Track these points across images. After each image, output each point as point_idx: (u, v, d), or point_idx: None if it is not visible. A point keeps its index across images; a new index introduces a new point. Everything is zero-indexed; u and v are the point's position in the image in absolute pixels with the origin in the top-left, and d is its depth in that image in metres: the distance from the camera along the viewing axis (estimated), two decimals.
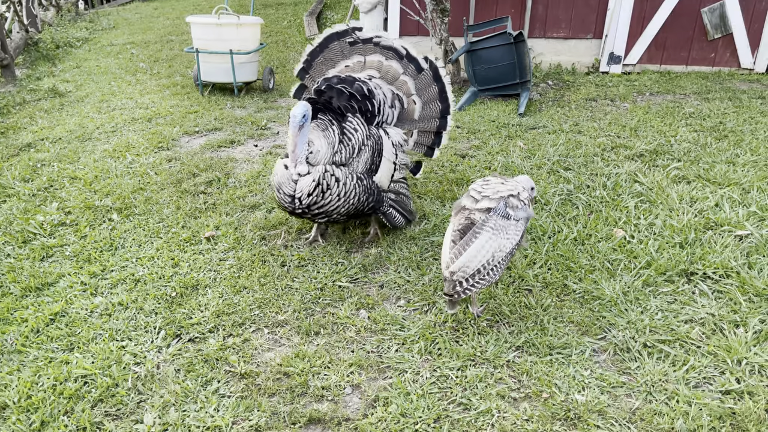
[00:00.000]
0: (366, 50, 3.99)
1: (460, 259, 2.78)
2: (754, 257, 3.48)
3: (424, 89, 3.96)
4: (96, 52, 10.62)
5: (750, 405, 2.47)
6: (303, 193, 3.42)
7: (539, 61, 8.54)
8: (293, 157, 3.39)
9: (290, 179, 3.43)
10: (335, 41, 4.03)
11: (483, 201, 2.94)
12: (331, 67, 4.05)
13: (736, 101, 6.70)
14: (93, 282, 3.47)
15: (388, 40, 3.97)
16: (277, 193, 3.53)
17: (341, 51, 4.03)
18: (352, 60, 4.01)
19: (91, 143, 5.77)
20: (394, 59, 3.95)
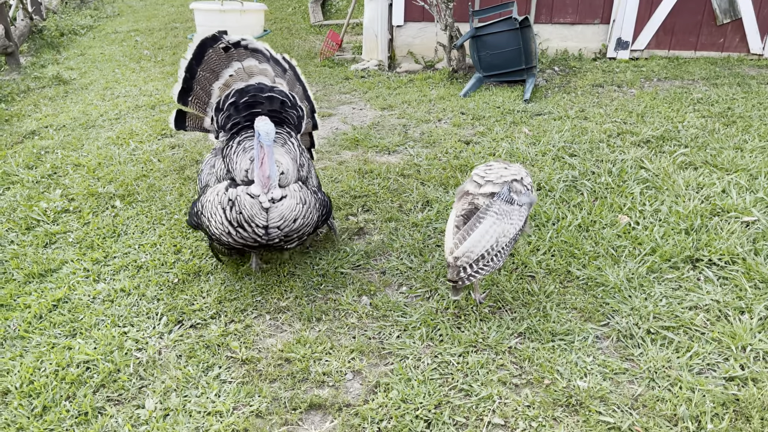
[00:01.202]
0: (240, 55, 3.52)
1: (464, 244, 2.76)
2: (760, 243, 3.44)
3: (294, 90, 3.62)
4: (100, 40, 10.61)
5: (754, 391, 2.45)
6: (287, 220, 3.00)
7: (545, 47, 8.45)
8: (268, 182, 2.95)
9: (261, 209, 2.95)
10: (209, 49, 3.47)
11: (487, 186, 2.91)
12: (215, 79, 3.51)
13: (744, 87, 6.61)
14: (96, 268, 3.48)
15: (253, 42, 3.56)
16: (244, 230, 2.99)
17: (219, 60, 3.50)
18: (233, 68, 3.50)
19: (94, 130, 5.76)
20: (266, 62, 3.56)
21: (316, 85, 7.48)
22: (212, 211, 3.05)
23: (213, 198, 3.07)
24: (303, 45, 9.83)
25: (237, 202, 2.95)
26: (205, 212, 3.11)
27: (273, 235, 3.01)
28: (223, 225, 3.00)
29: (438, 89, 7.05)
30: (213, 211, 3.05)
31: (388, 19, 8.29)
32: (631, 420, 2.37)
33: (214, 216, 3.04)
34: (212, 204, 3.06)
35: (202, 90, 3.51)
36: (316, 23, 11.40)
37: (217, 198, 3.05)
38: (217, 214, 3.02)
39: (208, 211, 3.08)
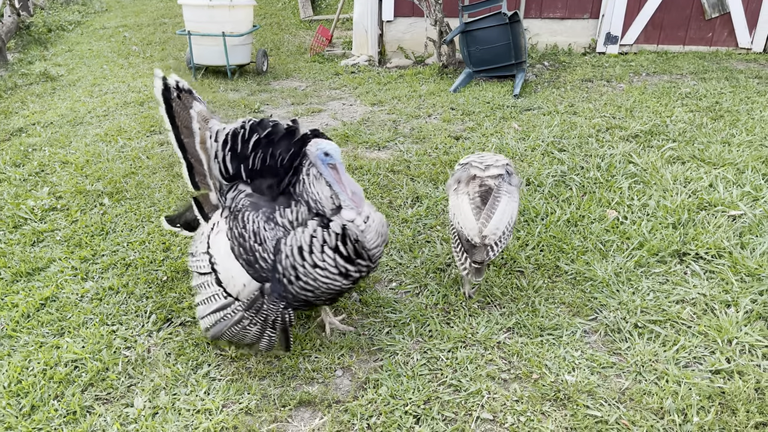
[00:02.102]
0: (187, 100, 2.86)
1: (491, 222, 2.83)
2: (746, 237, 3.47)
3: None
4: (88, 36, 10.53)
5: (740, 384, 2.48)
6: (383, 236, 2.62)
7: (535, 42, 8.47)
8: (359, 200, 2.51)
9: (360, 234, 2.50)
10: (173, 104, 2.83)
11: (491, 169, 3.04)
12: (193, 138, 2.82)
13: (732, 81, 6.65)
14: (84, 267, 3.46)
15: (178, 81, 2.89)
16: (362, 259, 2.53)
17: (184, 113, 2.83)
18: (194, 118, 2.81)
19: (82, 127, 5.72)
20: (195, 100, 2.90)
21: (306, 80, 7.47)
22: (314, 259, 2.46)
23: (306, 245, 2.47)
24: (293, 40, 9.80)
25: (348, 232, 2.47)
26: (295, 272, 2.48)
27: (375, 256, 2.59)
28: (338, 267, 2.48)
29: (428, 84, 7.04)
30: (315, 260, 2.46)
31: (378, 14, 8.28)
32: (618, 413, 2.39)
33: (319, 264, 2.46)
34: (310, 252, 2.46)
35: (197, 161, 2.85)
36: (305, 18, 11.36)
37: (316, 242, 2.46)
38: (324, 258, 2.46)
39: (305, 265, 2.47)
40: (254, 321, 2.58)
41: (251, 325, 2.60)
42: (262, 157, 2.66)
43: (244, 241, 2.55)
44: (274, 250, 2.51)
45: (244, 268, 2.55)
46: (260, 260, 2.51)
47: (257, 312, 2.56)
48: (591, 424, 2.35)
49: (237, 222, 2.60)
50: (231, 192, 2.72)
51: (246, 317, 2.58)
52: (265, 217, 2.56)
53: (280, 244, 2.50)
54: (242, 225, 2.57)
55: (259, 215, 2.57)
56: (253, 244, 2.53)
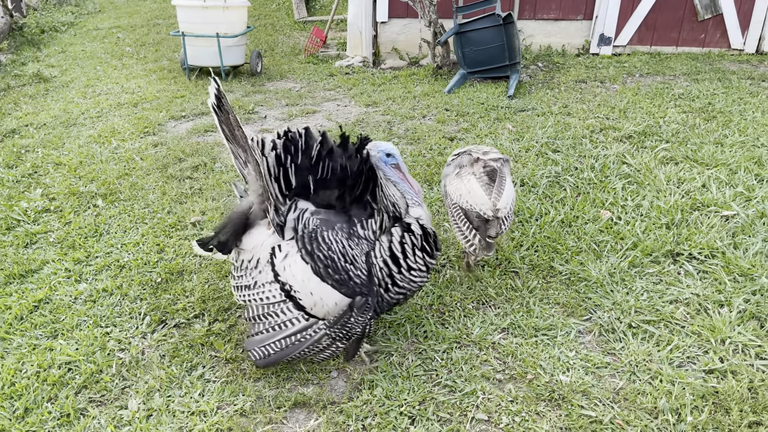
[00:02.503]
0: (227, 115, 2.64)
1: (503, 197, 2.95)
2: (739, 237, 3.49)
3: None
4: (82, 37, 10.49)
5: (733, 384, 2.49)
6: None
7: (529, 43, 8.49)
8: (419, 196, 2.59)
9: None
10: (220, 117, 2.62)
11: (491, 153, 3.18)
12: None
13: (725, 82, 6.69)
14: (77, 268, 3.45)
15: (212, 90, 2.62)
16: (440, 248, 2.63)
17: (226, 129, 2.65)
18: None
19: (76, 129, 5.70)
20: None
21: (301, 81, 7.46)
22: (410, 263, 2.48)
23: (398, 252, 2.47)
24: (287, 41, 9.79)
25: (427, 229, 2.52)
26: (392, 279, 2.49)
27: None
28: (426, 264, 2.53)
29: (422, 85, 7.05)
30: (411, 263, 2.48)
31: (373, 15, 8.28)
32: (613, 413, 2.40)
33: (413, 268, 2.49)
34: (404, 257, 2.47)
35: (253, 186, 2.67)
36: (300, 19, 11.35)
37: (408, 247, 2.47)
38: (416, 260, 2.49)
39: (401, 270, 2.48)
40: (337, 336, 2.52)
41: (330, 340, 2.53)
42: (330, 167, 2.54)
43: (333, 262, 2.43)
44: (366, 264, 2.46)
45: (334, 288, 2.44)
46: (354, 278, 2.44)
47: (343, 326, 2.49)
48: (585, 424, 2.36)
49: (317, 244, 2.46)
50: (291, 212, 2.54)
51: (328, 333, 2.51)
52: (346, 233, 2.48)
53: (370, 257, 2.47)
54: (326, 247, 2.45)
55: (338, 233, 2.48)
56: (344, 264, 2.43)
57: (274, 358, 2.58)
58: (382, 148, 2.51)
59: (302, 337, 2.54)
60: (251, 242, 2.61)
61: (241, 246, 2.64)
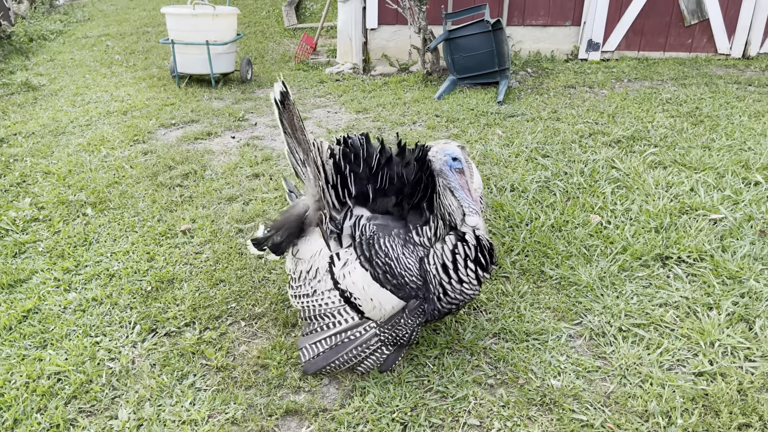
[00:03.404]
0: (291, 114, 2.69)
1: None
2: (727, 240, 3.52)
3: None
4: (70, 45, 10.45)
5: (722, 386, 2.50)
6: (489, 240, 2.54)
7: (518, 49, 8.54)
8: (477, 204, 2.51)
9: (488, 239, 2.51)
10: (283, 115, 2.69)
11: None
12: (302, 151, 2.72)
13: (712, 86, 6.75)
14: (66, 278, 3.42)
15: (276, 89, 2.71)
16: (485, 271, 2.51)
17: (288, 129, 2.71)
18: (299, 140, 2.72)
19: (65, 137, 5.68)
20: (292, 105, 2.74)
21: (291, 88, 7.45)
22: (461, 275, 2.44)
23: (449, 262, 2.44)
24: (277, 48, 9.80)
25: (483, 242, 2.46)
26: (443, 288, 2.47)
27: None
28: (478, 278, 2.47)
29: (412, 92, 7.08)
30: (462, 275, 2.44)
31: (362, 22, 8.31)
32: (604, 417, 2.41)
33: (464, 280, 2.45)
34: (456, 270, 2.44)
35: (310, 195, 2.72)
36: (290, 26, 11.37)
37: (460, 258, 2.43)
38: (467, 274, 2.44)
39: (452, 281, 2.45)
40: (386, 338, 2.56)
41: (379, 343, 2.57)
42: (389, 175, 2.53)
43: (390, 268, 2.46)
44: (420, 271, 2.46)
45: (393, 293, 2.48)
46: (410, 283, 2.46)
47: (393, 327, 2.54)
48: (577, 428, 2.37)
49: (374, 250, 2.49)
50: (348, 220, 2.55)
51: (377, 334, 2.56)
52: (402, 240, 2.49)
53: (423, 263, 2.47)
54: (384, 253, 2.47)
55: (395, 239, 2.49)
56: (400, 270, 2.46)
57: (322, 359, 2.62)
58: (449, 152, 2.45)
59: (352, 335, 2.59)
60: (308, 251, 2.66)
61: (298, 255, 2.70)
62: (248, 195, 4.37)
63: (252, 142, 5.51)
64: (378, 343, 2.58)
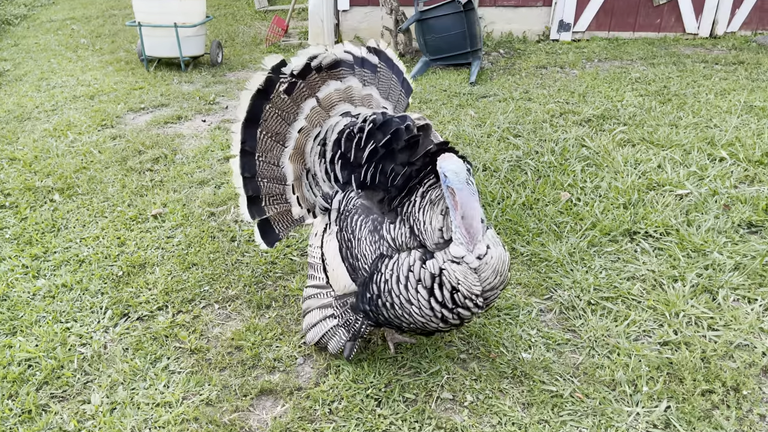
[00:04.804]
0: (312, 85, 2.64)
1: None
2: (693, 215, 3.60)
3: (389, 89, 2.88)
4: (35, 29, 10.18)
5: (686, 355, 2.58)
6: (501, 274, 2.19)
7: (490, 30, 8.55)
8: (473, 237, 2.12)
9: (473, 272, 2.13)
10: (265, 105, 2.59)
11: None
12: (282, 148, 2.65)
13: (680, 66, 6.86)
14: (35, 264, 3.37)
15: (327, 53, 2.67)
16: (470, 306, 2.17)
17: (282, 113, 2.62)
18: (304, 112, 2.63)
19: (30, 123, 5.55)
20: (348, 75, 2.72)
21: None
22: (408, 295, 2.20)
23: (402, 275, 2.21)
24: (248, 31, 9.66)
25: (446, 277, 2.13)
26: (389, 298, 2.24)
27: (490, 300, 2.22)
28: (433, 310, 2.18)
29: None
30: (411, 295, 2.19)
31: (334, 3, 8.23)
32: (573, 387, 2.47)
33: (414, 300, 2.19)
34: (405, 286, 2.20)
35: (272, 181, 2.67)
36: (261, 9, 11.21)
37: (412, 276, 2.19)
38: (418, 298, 2.19)
39: (400, 296, 2.22)
40: (338, 314, 2.55)
41: (334, 319, 2.56)
42: (374, 171, 2.38)
43: (351, 246, 2.38)
44: (371, 265, 2.30)
45: (347, 271, 2.43)
46: (362, 269, 2.35)
47: (343, 306, 2.53)
48: (547, 398, 2.42)
49: (346, 224, 2.42)
50: (339, 195, 2.51)
51: (333, 305, 2.57)
52: (372, 227, 2.33)
53: (378, 261, 2.29)
54: (350, 230, 2.39)
55: (367, 223, 2.35)
56: (356, 253, 2.36)
57: (306, 305, 2.71)
58: (444, 167, 2.10)
59: (319, 293, 2.66)
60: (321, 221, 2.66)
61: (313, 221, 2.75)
62: (220, 178, 4.34)
63: (223, 125, 5.45)
64: (334, 321, 2.56)
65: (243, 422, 2.37)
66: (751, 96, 5.57)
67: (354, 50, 2.77)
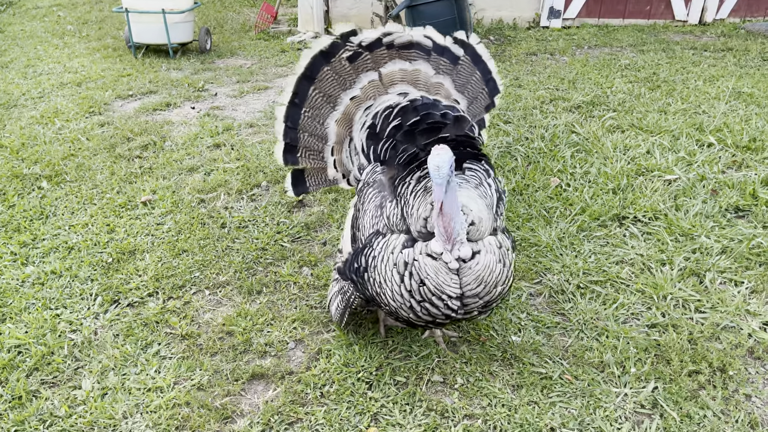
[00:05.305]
0: (377, 60, 2.71)
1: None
2: (681, 200, 3.63)
3: (467, 82, 2.82)
4: (20, 16, 10.04)
5: (674, 336, 2.61)
6: (488, 285, 2.11)
7: (481, 17, 8.53)
8: (449, 237, 2.06)
9: (450, 272, 2.09)
10: (323, 66, 2.68)
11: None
12: (330, 110, 2.74)
13: (669, 52, 6.88)
14: (23, 252, 3.35)
15: (404, 33, 2.72)
16: (437, 303, 2.12)
17: (339, 78, 2.70)
18: (361, 83, 2.70)
19: (17, 110, 5.49)
20: (420, 59, 2.74)
21: (252, 58, 7.32)
22: (386, 275, 2.18)
23: (386, 255, 2.20)
24: (237, 18, 9.58)
25: (416, 268, 2.11)
26: (373, 274, 2.24)
27: (471, 307, 2.15)
28: (403, 297, 2.16)
29: None
30: (387, 276, 2.18)
31: None
32: (562, 369, 2.49)
33: (388, 282, 2.18)
34: (385, 265, 2.19)
35: (312, 137, 2.75)
36: None
37: (391, 258, 2.18)
38: (392, 281, 2.17)
39: (380, 275, 2.20)
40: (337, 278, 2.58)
41: (337, 284, 2.59)
42: (389, 146, 2.42)
43: (358, 215, 2.43)
44: (366, 239, 2.31)
45: (351, 238, 2.48)
46: (359, 240, 2.38)
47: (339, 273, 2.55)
48: (536, 380, 2.45)
49: (362, 194, 2.44)
50: (367, 167, 2.52)
51: (337, 268, 2.59)
52: (379, 202, 2.32)
53: (373, 237, 2.28)
54: (362, 201, 2.42)
55: (377, 198, 2.35)
56: (359, 223, 2.39)
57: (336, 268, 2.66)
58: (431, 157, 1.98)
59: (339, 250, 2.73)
60: None
61: None
62: (209, 165, 4.31)
63: (212, 112, 5.42)
64: (337, 287, 2.59)
65: (234, 406, 2.38)
66: (739, 82, 5.60)
67: (436, 37, 2.79)
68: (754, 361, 2.54)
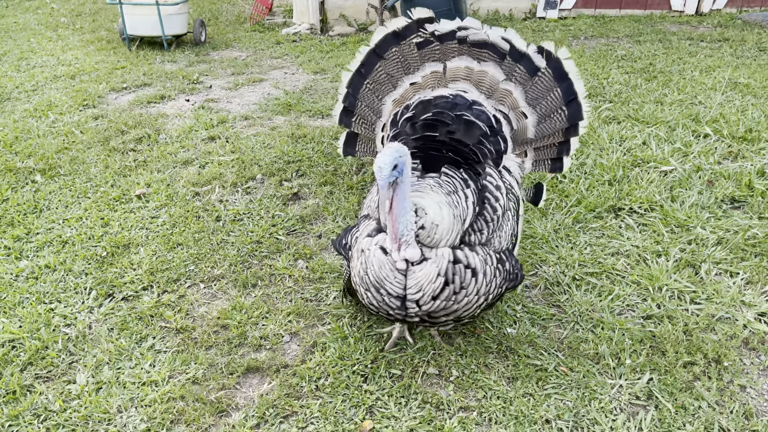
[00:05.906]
0: (446, 52, 2.67)
1: None
2: (676, 191, 3.63)
3: (541, 97, 2.63)
4: (13, 9, 9.97)
5: (669, 328, 2.61)
6: (425, 295, 2.11)
7: (477, 8, 8.49)
8: (393, 235, 2.07)
9: (394, 270, 2.11)
10: (393, 47, 2.72)
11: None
12: (390, 90, 2.78)
13: (666, 43, 6.86)
14: (17, 246, 3.33)
15: (480, 31, 2.63)
16: (375, 294, 2.17)
17: (404, 61, 2.73)
18: (424, 71, 2.70)
19: (10, 103, 5.46)
20: (491, 61, 2.63)
21: (247, 50, 7.28)
22: (354, 257, 2.28)
23: (361, 240, 2.26)
24: (231, 9, 9.52)
25: (365, 256, 2.17)
26: (352, 252, 2.33)
27: (411, 312, 2.15)
28: (361, 281, 2.22)
29: None
30: (355, 257, 2.27)
31: None
32: (557, 361, 2.49)
33: (353, 263, 2.27)
34: (356, 248, 2.28)
35: (369, 108, 2.84)
36: None
37: (357, 242, 2.28)
38: (356, 264, 2.25)
39: (355, 255, 2.28)
40: None
41: None
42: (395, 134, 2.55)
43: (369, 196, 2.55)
44: (359, 219, 2.48)
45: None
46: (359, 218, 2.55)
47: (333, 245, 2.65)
48: (531, 372, 2.45)
49: None
50: None
51: None
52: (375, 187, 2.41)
53: (362, 219, 2.43)
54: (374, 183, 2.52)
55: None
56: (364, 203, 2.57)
57: None
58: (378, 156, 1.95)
59: None
60: None
61: None
62: (204, 158, 4.29)
63: (207, 104, 5.39)
64: None
65: (230, 400, 2.38)
66: (735, 73, 5.59)
67: (516, 41, 2.63)
68: (749, 352, 2.54)
